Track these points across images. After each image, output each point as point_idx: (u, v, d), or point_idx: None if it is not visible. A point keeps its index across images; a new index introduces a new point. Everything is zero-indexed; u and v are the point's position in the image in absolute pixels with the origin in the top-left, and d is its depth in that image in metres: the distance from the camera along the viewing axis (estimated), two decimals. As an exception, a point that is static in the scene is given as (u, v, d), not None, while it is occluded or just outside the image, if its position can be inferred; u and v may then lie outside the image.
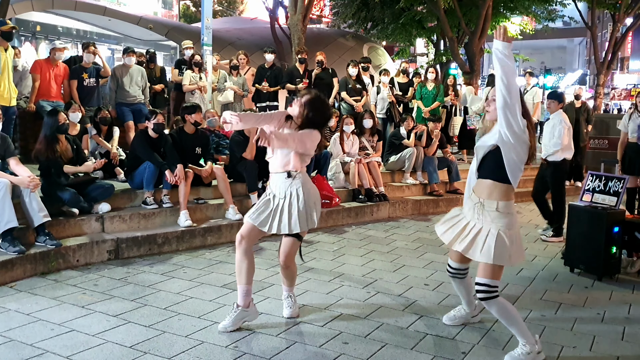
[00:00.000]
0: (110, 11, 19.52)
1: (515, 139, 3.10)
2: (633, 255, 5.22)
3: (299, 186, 3.58)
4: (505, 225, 3.18)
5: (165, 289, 4.38)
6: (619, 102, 31.28)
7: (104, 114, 6.84)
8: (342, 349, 3.39)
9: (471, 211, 3.29)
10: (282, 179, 3.60)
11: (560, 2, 15.51)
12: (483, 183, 3.27)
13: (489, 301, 3.20)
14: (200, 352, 3.29)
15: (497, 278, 3.21)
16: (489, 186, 3.23)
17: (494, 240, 3.14)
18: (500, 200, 3.19)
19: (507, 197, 3.20)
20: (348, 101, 9.03)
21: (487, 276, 3.19)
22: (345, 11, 17.16)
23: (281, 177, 3.60)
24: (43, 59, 7.46)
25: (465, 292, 3.72)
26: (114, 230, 5.40)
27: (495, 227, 3.17)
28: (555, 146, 6.14)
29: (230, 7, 34.23)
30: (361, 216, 7.21)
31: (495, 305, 3.20)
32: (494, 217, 3.19)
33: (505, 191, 3.20)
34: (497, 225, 3.17)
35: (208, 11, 9.33)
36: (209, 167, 6.16)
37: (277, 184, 3.63)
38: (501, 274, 3.24)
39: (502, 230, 3.16)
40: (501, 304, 3.21)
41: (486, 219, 3.21)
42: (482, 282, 3.19)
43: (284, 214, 3.57)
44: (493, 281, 3.19)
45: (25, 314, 3.80)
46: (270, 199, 3.63)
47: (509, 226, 3.19)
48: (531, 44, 37.65)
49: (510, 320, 3.24)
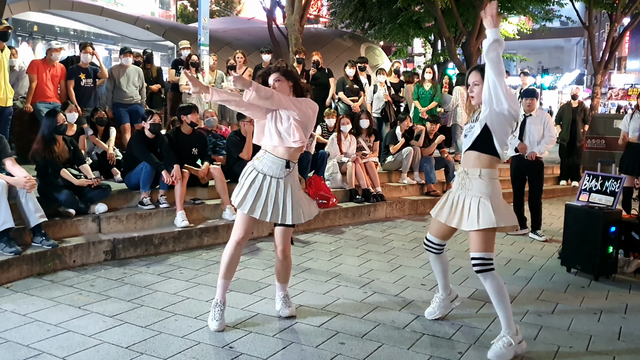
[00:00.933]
0: (108, 11, 19.47)
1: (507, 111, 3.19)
2: (629, 255, 5.24)
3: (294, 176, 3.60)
4: (488, 192, 3.25)
5: (162, 290, 4.37)
6: (616, 102, 31.35)
7: (100, 115, 6.83)
8: (338, 349, 3.38)
9: (457, 184, 3.38)
10: (279, 165, 3.49)
11: (557, 2, 15.54)
12: (469, 155, 3.37)
13: (485, 273, 3.27)
14: (197, 353, 3.29)
15: (491, 250, 3.29)
16: (475, 157, 3.33)
17: (477, 207, 3.23)
18: (483, 167, 3.28)
19: (490, 165, 3.30)
20: (345, 101, 9.03)
21: (480, 249, 3.27)
22: (342, 11, 17.17)
23: (278, 163, 3.49)
24: (40, 60, 7.45)
25: (442, 270, 3.74)
26: (110, 231, 5.39)
27: (478, 194, 3.25)
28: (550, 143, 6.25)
29: (228, 7, 34.20)
30: (358, 216, 7.21)
31: (490, 278, 3.28)
32: (476, 185, 3.27)
33: (489, 161, 3.30)
34: (479, 193, 3.25)
35: (205, 11, 9.34)
36: (205, 168, 6.15)
37: (270, 166, 3.50)
38: (493, 245, 3.32)
39: (484, 198, 3.24)
40: (497, 279, 3.30)
41: (470, 187, 3.29)
42: (477, 255, 3.28)
43: (287, 204, 3.49)
44: (487, 254, 3.28)
45: (21, 314, 3.79)
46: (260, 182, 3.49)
47: (493, 194, 3.26)
48: (529, 43, 37.70)
49: (501, 298, 3.30)
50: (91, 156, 6.65)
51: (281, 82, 3.53)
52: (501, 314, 3.34)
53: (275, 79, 3.54)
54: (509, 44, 32.13)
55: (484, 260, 3.27)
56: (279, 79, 3.53)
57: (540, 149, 6.23)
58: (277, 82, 3.53)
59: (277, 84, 3.52)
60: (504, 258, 5.63)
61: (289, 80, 3.56)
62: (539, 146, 6.21)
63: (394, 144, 8.31)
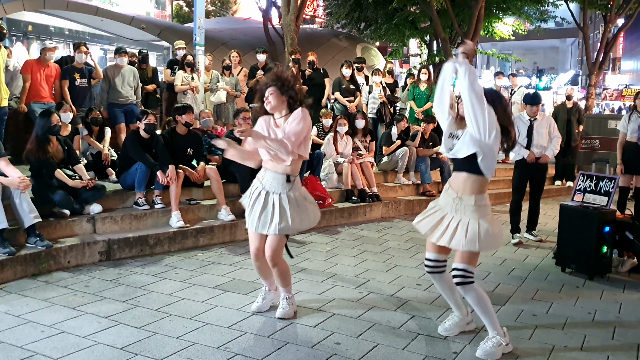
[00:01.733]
0: (103, 11, 19.39)
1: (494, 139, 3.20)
2: (624, 255, 5.26)
3: (292, 187, 3.63)
4: (482, 215, 3.30)
5: (157, 290, 4.36)
6: (610, 103, 31.49)
7: (95, 115, 6.82)
8: (334, 350, 3.38)
9: (449, 205, 3.38)
10: (279, 180, 3.62)
11: (552, 3, 15.57)
12: (459, 176, 3.37)
13: (466, 286, 3.34)
14: (192, 354, 3.28)
15: (474, 264, 3.37)
16: (465, 179, 3.33)
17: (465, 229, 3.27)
18: (477, 194, 3.31)
19: (482, 190, 3.33)
20: (341, 102, 9.03)
21: (463, 261, 3.33)
22: (338, 11, 17.14)
23: (279, 178, 3.62)
24: (34, 59, 7.41)
25: (449, 292, 3.63)
26: (105, 231, 5.37)
27: (474, 217, 3.28)
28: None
29: (223, 7, 34.15)
30: (354, 216, 7.22)
31: (471, 292, 3.34)
32: (470, 211, 3.29)
33: (480, 184, 3.31)
34: (473, 218, 3.28)
35: (201, 11, 9.30)
36: (201, 168, 6.14)
37: (272, 183, 3.64)
38: (477, 260, 3.40)
39: (474, 221, 3.28)
40: (478, 291, 3.35)
41: (464, 213, 3.31)
42: (460, 267, 3.34)
43: (275, 214, 3.59)
44: (470, 267, 3.34)
45: (15, 315, 3.77)
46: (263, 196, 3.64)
47: (485, 216, 3.31)
48: (524, 44, 37.85)
49: (484, 309, 3.36)
50: (86, 156, 6.63)
51: (275, 97, 3.59)
52: (486, 321, 3.40)
53: (270, 93, 3.61)
54: (504, 44, 32.26)
55: (465, 272, 3.33)
56: (273, 93, 3.60)
57: (553, 151, 6.30)
58: (271, 95, 3.60)
59: (271, 97, 3.60)
60: (499, 258, 5.64)
61: (283, 95, 3.60)
62: (549, 150, 6.25)
63: (388, 145, 8.32)
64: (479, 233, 3.25)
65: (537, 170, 6.29)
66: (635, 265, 5.20)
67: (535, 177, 6.34)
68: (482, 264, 5.40)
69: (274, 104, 3.60)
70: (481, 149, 3.22)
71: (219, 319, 3.81)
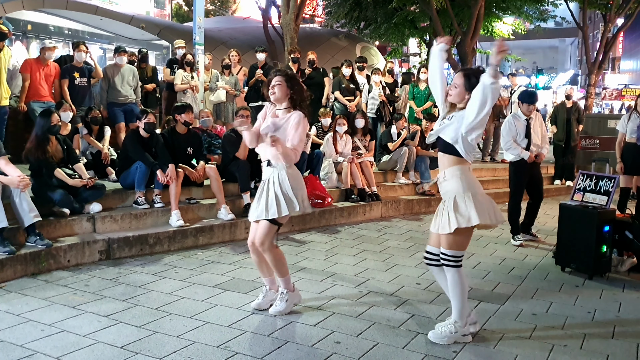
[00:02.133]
0: (102, 10, 19.39)
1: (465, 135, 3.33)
2: (623, 254, 5.26)
3: (278, 172, 3.69)
4: (460, 189, 3.33)
5: (157, 289, 4.36)
6: (609, 102, 31.52)
7: (95, 114, 6.81)
8: (334, 348, 3.39)
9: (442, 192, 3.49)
10: (264, 167, 3.76)
11: (552, 2, 15.58)
12: (442, 157, 3.49)
13: (450, 268, 3.39)
14: (192, 352, 3.28)
15: (462, 249, 3.40)
16: (448, 159, 3.43)
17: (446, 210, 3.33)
18: (451, 166, 3.38)
19: (459, 163, 3.38)
20: (341, 101, 9.03)
21: (450, 247, 3.37)
22: (338, 11, 17.13)
23: (263, 165, 3.77)
24: (33, 59, 7.40)
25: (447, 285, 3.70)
26: (105, 231, 5.37)
27: (452, 194, 3.35)
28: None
29: (223, 6, 34.15)
30: (354, 216, 7.22)
31: (452, 273, 3.39)
32: (449, 186, 3.38)
33: (458, 160, 3.39)
34: (453, 193, 3.35)
35: (200, 10, 9.30)
36: (201, 167, 6.14)
37: (264, 172, 3.79)
38: (466, 244, 3.42)
39: (451, 198, 3.34)
40: (461, 275, 3.40)
41: (447, 190, 3.40)
42: (447, 252, 3.39)
43: (261, 199, 3.70)
44: (458, 252, 3.38)
45: (16, 314, 3.77)
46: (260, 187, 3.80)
47: (466, 189, 3.33)
48: (523, 43, 37.82)
49: (458, 293, 3.42)
50: (86, 155, 6.62)
51: (280, 86, 3.66)
52: (455, 304, 3.47)
53: (276, 82, 3.67)
54: (503, 44, 32.17)
55: (455, 258, 3.39)
56: (279, 83, 3.66)
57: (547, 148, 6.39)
58: (277, 85, 3.67)
59: (277, 88, 3.66)
60: (498, 257, 5.65)
61: (289, 88, 3.66)
62: (544, 148, 6.28)
63: (387, 143, 8.30)
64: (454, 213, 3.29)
65: (535, 168, 6.29)
66: (635, 264, 5.21)
67: (536, 175, 6.34)
68: (481, 263, 5.40)
69: (278, 95, 3.68)
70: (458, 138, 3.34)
71: (218, 317, 3.81)
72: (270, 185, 3.69)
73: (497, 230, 6.79)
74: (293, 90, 3.68)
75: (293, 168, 3.76)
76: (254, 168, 6.38)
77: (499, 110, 11.00)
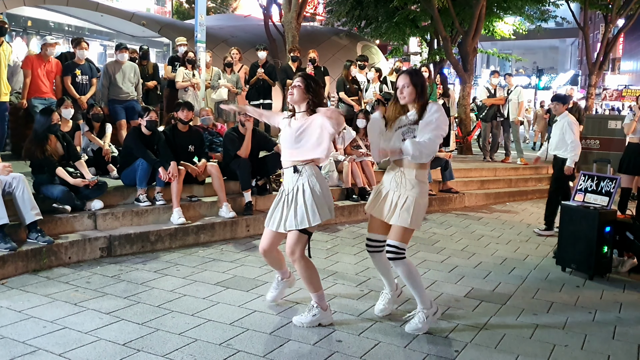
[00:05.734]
0: (103, 7, 19.34)
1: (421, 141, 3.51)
2: (624, 255, 5.27)
3: (305, 180, 3.59)
4: (419, 193, 3.55)
5: (159, 287, 4.36)
6: (610, 103, 31.54)
7: (96, 111, 6.80)
8: (335, 347, 3.39)
9: (392, 181, 3.64)
10: (290, 173, 3.64)
11: (553, 3, 15.57)
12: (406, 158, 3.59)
13: (397, 261, 3.56)
14: (194, 350, 3.29)
15: (406, 242, 3.59)
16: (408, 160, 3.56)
17: (403, 205, 3.52)
18: (418, 169, 3.56)
19: (423, 167, 3.59)
20: (347, 101, 9.06)
21: (397, 239, 3.55)
22: (339, 9, 17.11)
23: (289, 171, 3.65)
24: (34, 55, 7.40)
25: (385, 269, 3.89)
26: (106, 228, 5.37)
27: (413, 194, 3.54)
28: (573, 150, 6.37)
29: (224, 4, 34.09)
30: (354, 215, 7.22)
31: (402, 266, 3.56)
32: (410, 185, 3.55)
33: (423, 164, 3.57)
34: (413, 193, 3.54)
35: (202, 8, 9.28)
36: (202, 165, 6.14)
37: (287, 179, 3.69)
38: (410, 238, 3.63)
39: (412, 198, 3.53)
40: (408, 265, 3.58)
41: (406, 187, 3.54)
42: (393, 244, 3.55)
43: (290, 210, 3.59)
44: (402, 244, 3.56)
45: (17, 311, 3.77)
46: (281, 196, 3.70)
47: (422, 194, 3.57)
48: (524, 44, 37.85)
49: (413, 283, 3.61)
50: (87, 152, 6.62)
51: (299, 89, 3.60)
52: (415, 293, 3.65)
53: (297, 84, 3.62)
54: (504, 43, 32.24)
55: (397, 249, 3.55)
56: (299, 85, 3.61)
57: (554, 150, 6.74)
58: (296, 88, 3.62)
59: (296, 90, 3.62)
60: (499, 257, 5.65)
61: (306, 92, 3.60)
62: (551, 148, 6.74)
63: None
64: (413, 211, 3.49)
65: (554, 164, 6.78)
66: (636, 265, 5.22)
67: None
68: (482, 263, 5.41)
69: (295, 98, 3.63)
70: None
71: (220, 315, 3.82)
72: (300, 194, 3.56)
73: (498, 230, 6.80)
74: (311, 95, 3.60)
75: (319, 173, 3.67)
76: (255, 166, 6.38)
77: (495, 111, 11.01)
